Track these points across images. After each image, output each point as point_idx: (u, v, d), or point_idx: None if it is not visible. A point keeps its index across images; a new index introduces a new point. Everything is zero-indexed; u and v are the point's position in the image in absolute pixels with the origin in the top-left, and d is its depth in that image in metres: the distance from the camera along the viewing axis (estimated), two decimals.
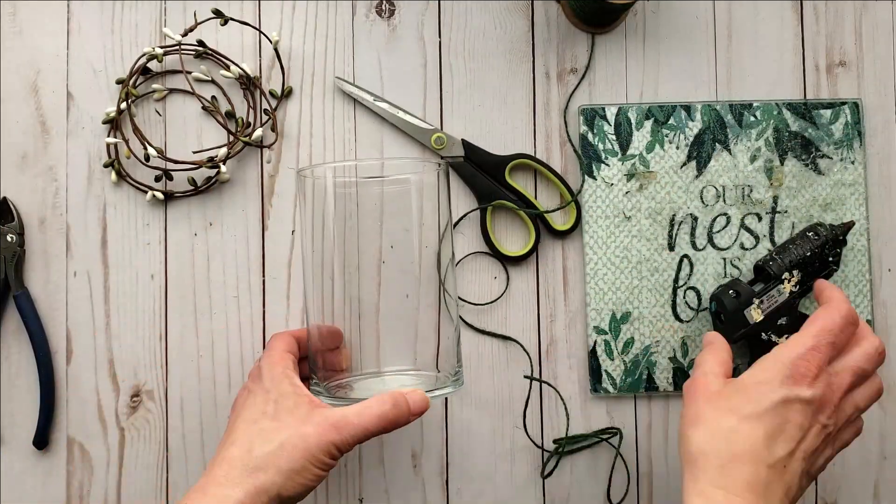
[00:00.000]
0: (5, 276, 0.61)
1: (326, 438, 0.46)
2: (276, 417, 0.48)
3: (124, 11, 0.64)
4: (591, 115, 0.64)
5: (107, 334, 0.63)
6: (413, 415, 0.49)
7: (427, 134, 0.63)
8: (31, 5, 0.64)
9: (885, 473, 0.64)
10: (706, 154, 0.64)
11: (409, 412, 0.48)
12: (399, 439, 0.63)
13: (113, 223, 0.63)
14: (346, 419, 0.47)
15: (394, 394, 0.48)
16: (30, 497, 0.62)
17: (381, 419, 0.47)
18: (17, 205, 0.63)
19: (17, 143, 0.63)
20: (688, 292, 0.64)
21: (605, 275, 0.63)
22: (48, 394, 0.61)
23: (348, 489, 0.63)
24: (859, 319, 0.51)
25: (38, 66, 0.64)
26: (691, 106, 0.64)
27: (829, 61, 0.66)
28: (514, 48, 0.65)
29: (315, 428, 0.47)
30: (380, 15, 0.65)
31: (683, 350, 0.63)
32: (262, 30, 0.64)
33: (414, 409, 0.49)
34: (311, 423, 0.47)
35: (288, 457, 0.46)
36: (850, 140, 0.64)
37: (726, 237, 0.64)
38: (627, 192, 0.64)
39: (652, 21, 0.66)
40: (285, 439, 0.47)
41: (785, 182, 0.64)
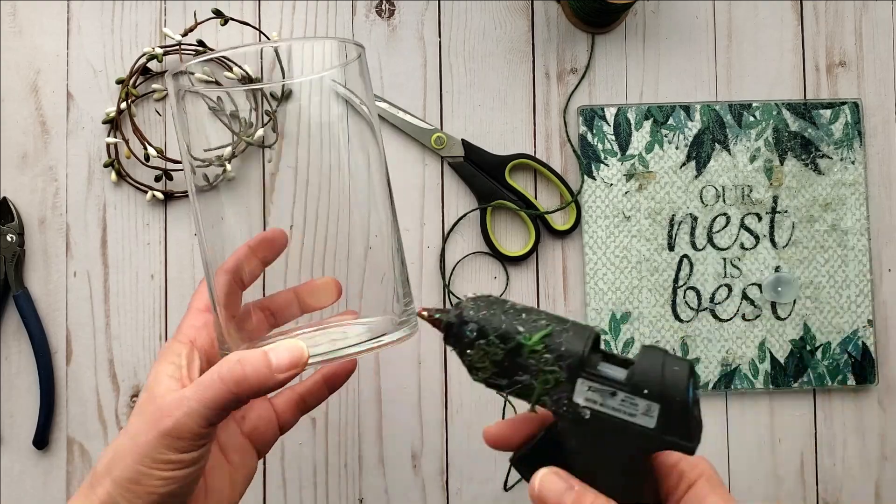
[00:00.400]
0: (5, 276, 0.61)
1: (156, 430, 0.36)
2: (137, 411, 0.39)
3: (124, 11, 0.64)
4: (591, 116, 0.64)
5: (107, 334, 0.63)
6: (279, 371, 0.37)
7: (427, 134, 0.63)
8: (31, 5, 0.64)
9: (885, 473, 0.64)
10: (706, 154, 0.64)
11: (270, 369, 0.37)
12: (399, 439, 0.63)
13: (113, 223, 0.63)
14: (182, 396, 0.37)
15: (248, 351, 0.38)
16: (30, 497, 0.62)
17: (223, 383, 0.36)
18: (17, 205, 0.63)
19: (17, 143, 0.63)
20: (688, 292, 0.64)
21: (604, 275, 0.63)
22: (48, 394, 0.61)
23: (348, 489, 0.63)
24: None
25: (38, 66, 0.64)
26: (691, 106, 0.64)
27: (829, 61, 0.66)
28: (514, 48, 0.65)
29: (144, 422, 0.37)
30: (380, 15, 0.65)
31: (683, 350, 0.63)
32: (262, 30, 0.64)
33: (277, 365, 0.37)
34: (143, 416, 0.37)
35: (121, 464, 0.37)
36: (850, 140, 0.64)
37: (726, 237, 0.64)
38: (627, 192, 0.64)
39: (652, 21, 0.66)
40: (121, 443, 0.38)
41: (785, 182, 0.64)
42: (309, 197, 0.43)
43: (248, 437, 0.45)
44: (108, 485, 0.37)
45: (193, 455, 0.37)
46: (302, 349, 0.38)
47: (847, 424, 0.64)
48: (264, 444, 0.46)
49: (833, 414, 0.64)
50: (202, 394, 0.36)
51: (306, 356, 0.38)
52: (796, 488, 0.64)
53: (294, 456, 0.62)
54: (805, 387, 0.64)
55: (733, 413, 0.64)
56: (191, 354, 0.41)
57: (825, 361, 0.63)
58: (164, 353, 0.41)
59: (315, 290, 0.43)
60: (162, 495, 0.37)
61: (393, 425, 0.63)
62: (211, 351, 0.42)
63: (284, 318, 0.44)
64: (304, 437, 0.63)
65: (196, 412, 0.36)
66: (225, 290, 0.41)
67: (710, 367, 0.63)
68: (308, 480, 0.63)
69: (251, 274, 0.42)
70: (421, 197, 0.64)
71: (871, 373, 0.64)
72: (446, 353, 0.64)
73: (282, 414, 0.47)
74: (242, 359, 0.37)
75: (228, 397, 0.36)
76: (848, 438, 0.64)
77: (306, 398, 0.48)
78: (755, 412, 0.64)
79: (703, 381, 0.63)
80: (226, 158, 0.43)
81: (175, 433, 0.36)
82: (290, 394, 0.48)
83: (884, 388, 0.64)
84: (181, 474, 0.37)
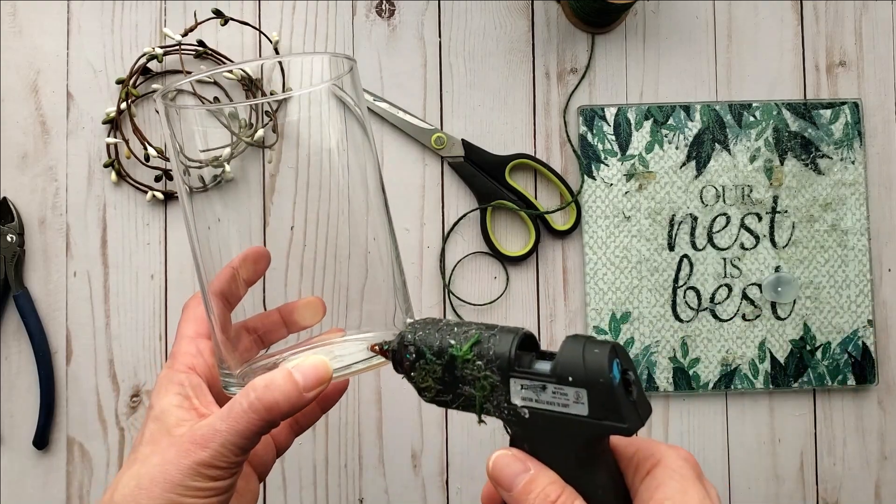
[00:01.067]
0: (5, 276, 0.61)
1: (189, 461, 0.36)
2: (152, 441, 0.38)
3: (124, 11, 0.64)
4: (591, 116, 0.64)
5: (107, 334, 0.63)
6: (307, 390, 0.37)
7: (427, 134, 0.63)
8: (31, 5, 0.64)
9: (885, 473, 0.64)
10: (706, 154, 0.64)
11: (298, 390, 0.37)
12: (399, 439, 0.63)
13: (113, 223, 0.63)
14: (213, 428, 0.37)
15: (271, 373, 0.37)
16: (30, 497, 0.62)
17: (254, 412, 0.36)
18: (17, 205, 0.63)
19: (17, 143, 0.63)
20: (688, 292, 0.64)
21: (604, 275, 0.63)
22: (48, 394, 0.61)
23: (348, 489, 0.63)
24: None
25: (38, 66, 0.64)
26: (691, 106, 0.64)
27: (829, 61, 0.66)
28: (514, 48, 0.65)
29: (175, 452, 0.37)
30: (380, 15, 0.65)
31: (683, 350, 0.63)
32: (262, 30, 0.64)
33: (306, 385, 0.37)
34: (173, 447, 0.37)
35: (147, 496, 0.36)
36: (850, 140, 0.64)
37: (726, 237, 0.64)
38: (627, 192, 0.64)
39: (652, 21, 0.66)
40: (144, 473, 0.37)
41: (785, 182, 0.64)
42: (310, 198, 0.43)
43: (249, 462, 0.45)
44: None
45: (227, 483, 0.37)
46: (326, 364, 0.37)
47: (847, 424, 0.64)
48: (264, 468, 0.46)
49: (833, 414, 0.64)
50: (234, 424, 0.36)
51: (331, 371, 0.38)
52: (796, 488, 0.64)
53: (294, 456, 0.62)
54: (805, 387, 0.64)
55: (733, 413, 0.64)
56: (195, 381, 0.41)
57: (825, 361, 0.63)
58: (165, 384, 0.41)
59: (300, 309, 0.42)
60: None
61: (393, 425, 0.63)
62: (211, 377, 0.42)
63: (271, 339, 0.43)
64: (304, 437, 0.63)
65: (230, 442, 0.36)
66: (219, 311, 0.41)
67: (710, 367, 0.63)
68: (308, 480, 0.63)
69: (235, 296, 0.42)
70: (421, 197, 0.64)
71: (871, 373, 0.64)
72: None
73: (277, 436, 0.46)
74: (270, 384, 0.37)
75: (261, 424, 0.37)
76: (848, 438, 0.64)
77: (300, 419, 0.47)
78: (755, 412, 0.64)
79: (703, 381, 0.63)
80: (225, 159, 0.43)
81: (211, 462, 0.36)
82: None
83: (884, 388, 0.64)
84: (214, 501, 0.37)
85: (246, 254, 0.41)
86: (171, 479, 0.36)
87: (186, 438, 0.37)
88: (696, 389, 0.63)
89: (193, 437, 0.37)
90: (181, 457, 0.36)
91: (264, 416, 0.36)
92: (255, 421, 0.36)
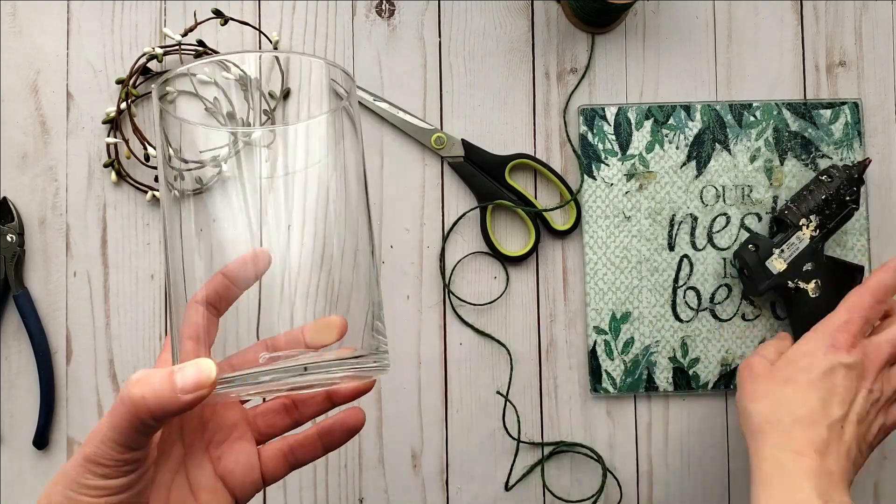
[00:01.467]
0: (5, 276, 0.61)
1: (80, 456, 0.35)
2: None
3: (124, 11, 0.64)
4: (591, 115, 0.64)
5: (107, 334, 0.63)
6: (184, 392, 0.34)
7: (427, 134, 0.63)
8: (31, 5, 0.64)
9: (885, 473, 0.64)
10: (706, 154, 0.64)
11: (173, 390, 0.34)
12: (399, 439, 0.63)
13: (113, 223, 0.63)
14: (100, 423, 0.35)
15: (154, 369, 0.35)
16: (30, 497, 0.62)
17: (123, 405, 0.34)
18: (17, 205, 0.63)
19: (17, 143, 0.63)
20: (688, 292, 0.64)
21: (604, 275, 0.63)
22: (48, 394, 0.61)
23: (348, 489, 0.63)
24: (891, 296, 0.55)
25: (38, 66, 0.64)
26: (691, 106, 0.64)
27: (829, 61, 0.66)
28: (514, 48, 0.65)
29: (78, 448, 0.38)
30: (380, 15, 0.65)
31: (683, 350, 0.63)
32: (262, 30, 0.64)
33: (184, 386, 0.34)
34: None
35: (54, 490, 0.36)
36: (850, 140, 0.64)
37: (726, 237, 0.64)
38: (627, 192, 0.64)
39: (652, 21, 0.66)
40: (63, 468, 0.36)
41: (785, 182, 0.64)
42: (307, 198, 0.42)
43: (221, 478, 0.43)
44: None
45: (119, 482, 0.35)
46: (210, 369, 0.34)
47: None
48: (243, 491, 0.43)
49: None
50: (111, 418, 0.34)
51: (213, 377, 0.34)
52: None
53: None
54: None
55: (733, 413, 0.64)
56: None
57: None
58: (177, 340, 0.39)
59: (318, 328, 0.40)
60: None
61: (393, 425, 0.63)
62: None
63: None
64: None
65: (109, 437, 0.34)
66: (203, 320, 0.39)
67: (710, 367, 0.63)
68: (308, 480, 0.63)
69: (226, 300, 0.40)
70: (421, 197, 0.64)
71: None
72: (446, 352, 0.64)
73: (267, 462, 0.44)
74: (143, 378, 0.34)
75: (131, 420, 0.34)
76: None
77: (296, 451, 0.44)
78: None
79: (703, 381, 0.63)
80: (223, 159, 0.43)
81: (94, 458, 0.35)
82: (281, 444, 0.44)
83: None
84: (112, 501, 0.35)
85: (246, 256, 0.40)
86: (69, 476, 0.35)
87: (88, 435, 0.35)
88: (696, 389, 0.63)
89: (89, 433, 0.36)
90: (77, 454, 0.35)
91: (132, 411, 0.34)
92: (124, 415, 0.34)
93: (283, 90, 0.64)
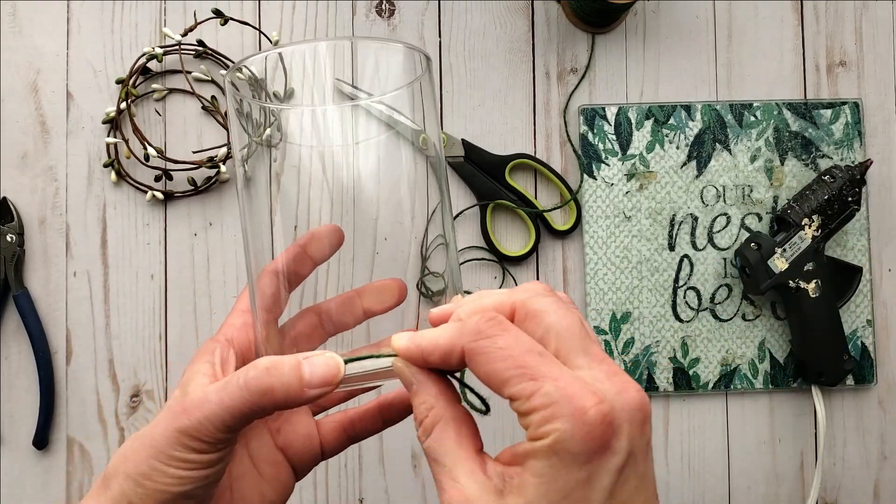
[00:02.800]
0: (5, 276, 0.61)
1: (173, 427, 0.34)
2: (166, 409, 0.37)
3: (124, 11, 0.64)
4: (592, 115, 0.64)
5: (107, 334, 0.63)
6: (310, 386, 0.33)
7: None
8: (31, 5, 0.64)
9: (885, 473, 0.64)
10: (706, 154, 0.64)
11: (301, 383, 0.33)
12: (399, 439, 0.63)
13: (113, 223, 0.63)
14: (204, 397, 0.34)
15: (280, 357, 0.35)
16: (30, 497, 0.62)
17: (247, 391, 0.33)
18: (17, 205, 0.63)
19: (17, 143, 0.63)
20: (688, 292, 0.64)
21: (605, 275, 0.63)
22: (48, 394, 0.61)
23: (348, 489, 0.63)
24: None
25: (38, 66, 0.64)
26: (691, 106, 0.64)
27: (829, 61, 0.66)
28: (514, 48, 0.65)
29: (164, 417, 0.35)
30: (380, 15, 0.65)
31: (683, 350, 0.63)
32: (262, 30, 0.64)
33: (311, 381, 0.33)
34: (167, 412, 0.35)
35: (134, 458, 0.35)
36: (850, 140, 0.64)
37: (726, 237, 0.64)
38: (627, 191, 0.64)
39: (652, 21, 0.66)
40: (141, 435, 0.36)
41: (785, 182, 0.64)
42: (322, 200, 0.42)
43: (281, 450, 0.42)
44: (121, 480, 0.35)
45: (211, 457, 0.35)
46: (338, 364, 0.34)
47: (847, 424, 0.64)
48: (301, 462, 0.42)
49: (833, 414, 0.64)
50: (224, 398, 0.34)
51: (341, 372, 0.34)
52: (796, 488, 0.64)
53: None
54: (804, 386, 0.64)
55: (733, 413, 0.64)
56: (225, 353, 0.39)
57: None
58: (200, 353, 0.39)
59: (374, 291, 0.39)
60: (175, 494, 0.34)
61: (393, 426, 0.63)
62: (248, 352, 0.40)
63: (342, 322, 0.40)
64: None
65: (216, 416, 0.34)
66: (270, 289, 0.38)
67: (710, 367, 0.63)
68: (308, 480, 0.63)
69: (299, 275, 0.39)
70: None
71: (870, 373, 0.64)
72: None
73: (326, 435, 0.43)
74: (272, 366, 0.33)
75: (252, 407, 0.34)
76: (848, 438, 0.64)
77: (356, 425, 0.43)
78: (755, 412, 0.64)
79: (703, 381, 0.63)
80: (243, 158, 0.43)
81: (193, 433, 0.34)
82: (341, 416, 0.43)
83: (883, 388, 0.64)
84: (197, 475, 0.35)
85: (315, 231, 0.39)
86: (156, 445, 0.34)
87: (178, 405, 0.34)
88: (696, 389, 0.63)
89: (184, 403, 0.34)
90: (168, 423, 0.34)
91: (256, 399, 0.33)
92: (246, 400, 0.33)
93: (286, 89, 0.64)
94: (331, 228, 0.39)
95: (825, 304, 0.61)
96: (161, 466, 0.34)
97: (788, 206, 0.62)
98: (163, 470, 0.34)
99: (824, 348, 0.61)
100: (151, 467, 0.34)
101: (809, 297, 0.60)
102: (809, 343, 0.61)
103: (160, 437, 0.34)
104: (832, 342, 0.61)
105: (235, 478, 0.40)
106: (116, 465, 0.35)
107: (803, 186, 0.63)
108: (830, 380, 0.61)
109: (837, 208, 0.61)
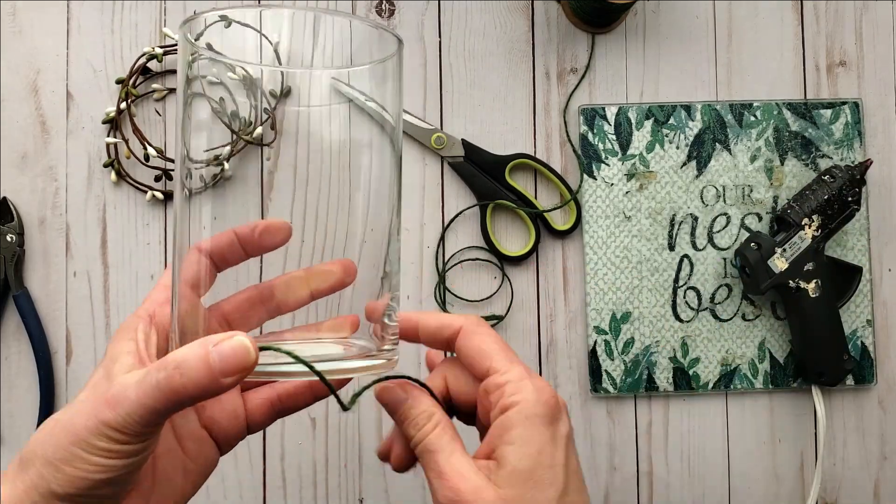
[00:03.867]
0: (5, 276, 0.61)
1: (95, 420, 0.33)
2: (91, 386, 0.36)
3: (124, 11, 0.64)
4: (591, 115, 0.64)
5: (107, 334, 0.63)
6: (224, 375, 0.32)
7: (427, 134, 0.63)
8: (31, 5, 0.64)
9: (885, 473, 0.64)
10: (706, 154, 0.64)
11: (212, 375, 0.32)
12: None
13: (113, 223, 0.63)
14: (124, 393, 0.33)
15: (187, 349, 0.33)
16: None
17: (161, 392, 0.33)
18: (17, 205, 0.63)
19: (17, 143, 0.63)
20: (688, 292, 0.64)
21: (605, 275, 0.63)
22: (48, 394, 0.61)
23: (348, 489, 0.63)
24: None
25: (38, 66, 0.64)
26: (691, 106, 0.64)
27: (829, 61, 0.66)
28: (514, 48, 0.65)
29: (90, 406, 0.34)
30: (380, 15, 0.65)
31: (683, 350, 0.63)
32: (263, 31, 0.64)
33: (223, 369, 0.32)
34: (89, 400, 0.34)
35: (55, 443, 0.34)
36: (850, 140, 0.64)
37: (726, 237, 0.64)
38: (628, 191, 0.64)
39: (652, 21, 0.66)
40: (61, 419, 0.35)
41: (785, 182, 0.64)
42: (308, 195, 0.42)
43: (206, 427, 0.42)
44: (39, 465, 0.34)
45: (136, 447, 0.34)
46: (247, 347, 0.32)
47: (847, 424, 0.64)
48: (227, 438, 0.42)
49: (833, 414, 0.64)
50: (142, 396, 0.33)
51: (254, 357, 0.33)
52: (796, 488, 0.64)
53: (294, 456, 0.62)
54: (804, 386, 0.64)
55: (733, 413, 0.64)
56: (148, 330, 0.38)
57: None
58: (122, 330, 0.38)
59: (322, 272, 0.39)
60: (96, 481, 0.34)
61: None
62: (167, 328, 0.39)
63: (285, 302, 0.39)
64: (304, 437, 0.63)
65: (137, 414, 0.33)
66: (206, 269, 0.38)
67: (710, 367, 0.63)
68: (308, 480, 0.63)
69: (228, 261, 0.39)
70: (421, 197, 0.64)
71: (870, 373, 0.64)
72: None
73: (253, 411, 0.42)
74: (182, 362, 0.32)
75: (169, 406, 0.33)
76: (848, 438, 0.64)
77: (284, 400, 0.42)
78: (755, 412, 0.64)
79: (703, 381, 0.63)
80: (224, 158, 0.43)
81: (116, 426, 0.33)
82: (269, 392, 0.43)
83: (883, 388, 0.64)
84: (119, 464, 0.34)
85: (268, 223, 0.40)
86: (78, 433, 0.34)
87: (101, 394, 0.34)
88: (696, 389, 0.63)
89: (106, 395, 0.34)
90: (91, 412, 0.34)
91: (171, 398, 0.33)
92: (161, 400, 0.33)
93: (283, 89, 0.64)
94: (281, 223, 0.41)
95: (825, 304, 0.60)
96: (82, 454, 0.34)
97: (788, 206, 0.62)
98: (84, 458, 0.34)
99: (824, 348, 0.61)
100: (73, 454, 0.34)
101: (809, 297, 0.60)
102: (809, 343, 0.61)
103: (82, 427, 0.34)
104: (832, 342, 0.61)
105: (158, 455, 0.39)
106: (34, 450, 0.35)
107: (803, 186, 0.63)
108: (830, 380, 0.61)
109: (837, 208, 0.61)
